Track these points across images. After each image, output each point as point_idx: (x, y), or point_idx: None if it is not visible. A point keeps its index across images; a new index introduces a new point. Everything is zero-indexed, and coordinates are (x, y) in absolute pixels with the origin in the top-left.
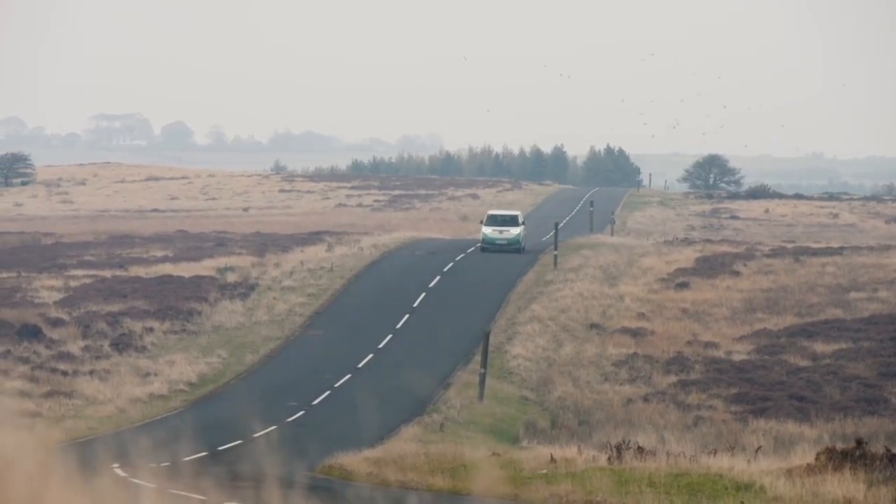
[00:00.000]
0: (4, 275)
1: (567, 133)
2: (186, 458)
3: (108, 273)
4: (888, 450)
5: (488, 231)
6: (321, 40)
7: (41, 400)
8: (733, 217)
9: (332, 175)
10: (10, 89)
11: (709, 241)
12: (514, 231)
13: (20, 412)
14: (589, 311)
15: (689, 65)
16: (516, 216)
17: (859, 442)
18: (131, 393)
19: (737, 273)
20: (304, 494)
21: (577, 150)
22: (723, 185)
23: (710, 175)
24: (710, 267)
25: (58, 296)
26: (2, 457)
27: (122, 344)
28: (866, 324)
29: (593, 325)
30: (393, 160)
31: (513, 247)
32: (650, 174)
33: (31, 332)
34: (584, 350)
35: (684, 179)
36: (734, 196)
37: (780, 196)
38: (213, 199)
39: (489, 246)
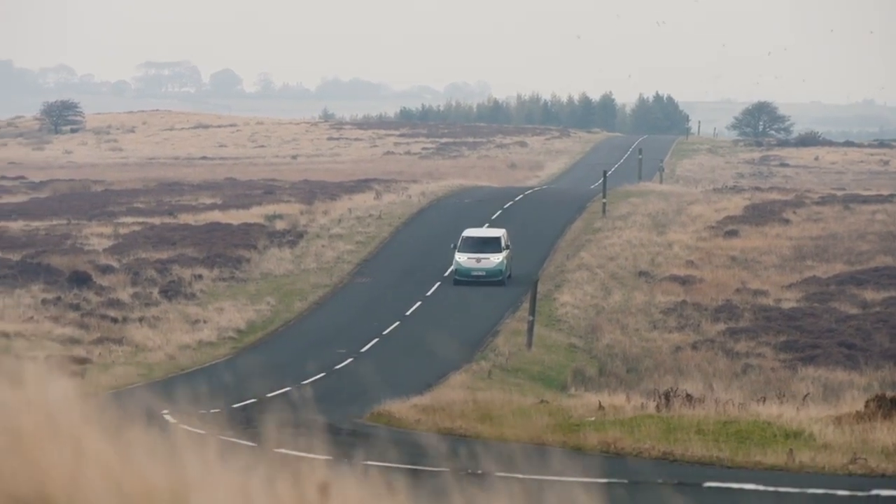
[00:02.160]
0: (55, 222)
1: (616, 81)
2: (235, 405)
3: (157, 220)
4: None
5: (462, 259)
6: None
7: (91, 346)
8: (783, 164)
9: (381, 123)
10: (60, 37)
11: (758, 188)
12: (496, 258)
13: (70, 359)
14: (637, 259)
15: (737, 9)
16: (498, 238)
17: None
18: (180, 340)
19: (786, 221)
20: (353, 441)
21: (626, 98)
22: (772, 132)
23: (760, 122)
24: (760, 214)
25: (107, 243)
26: (50, 403)
27: (171, 291)
28: None
29: (642, 273)
30: (441, 108)
31: (494, 279)
32: (699, 122)
33: (81, 279)
34: (632, 298)
35: (733, 127)
36: (784, 143)
37: (830, 143)
38: (262, 146)
39: (463, 279)
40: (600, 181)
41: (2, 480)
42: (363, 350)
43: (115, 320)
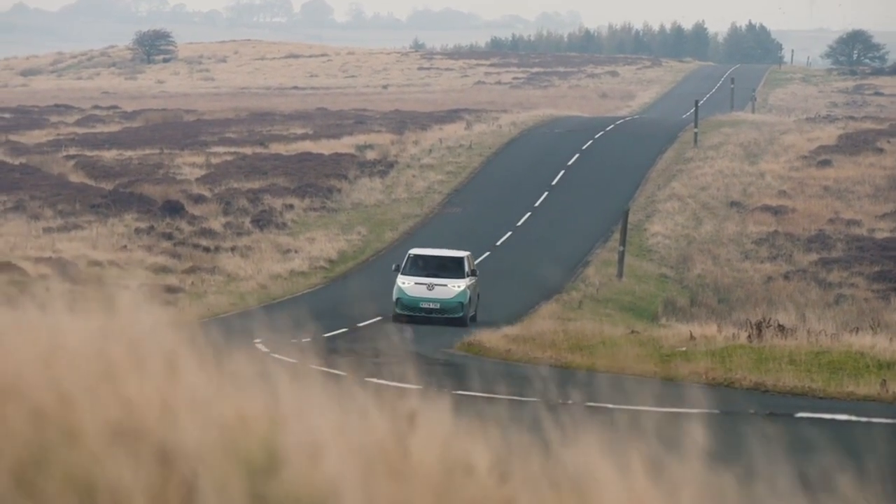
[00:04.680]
0: (147, 151)
1: (708, 9)
2: (327, 335)
3: (248, 150)
4: None
5: (407, 285)
6: None
7: (183, 276)
8: (877, 93)
9: (471, 52)
10: None
11: (852, 117)
12: (456, 287)
13: (163, 287)
14: (729, 189)
15: None
16: (461, 260)
17: None
18: (272, 269)
19: (880, 150)
20: (444, 371)
21: (718, 27)
22: (867, 60)
23: (854, 51)
24: (853, 144)
25: (199, 172)
26: (143, 332)
27: (263, 221)
28: None
29: (733, 203)
30: (532, 38)
31: (450, 315)
32: (792, 51)
33: (174, 209)
34: (724, 228)
35: (827, 56)
36: (878, 72)
37: None
38: (353, 76)
39: (406, 312)
40: (692, 111)
41: (96, 407)
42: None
43: (207, 249)
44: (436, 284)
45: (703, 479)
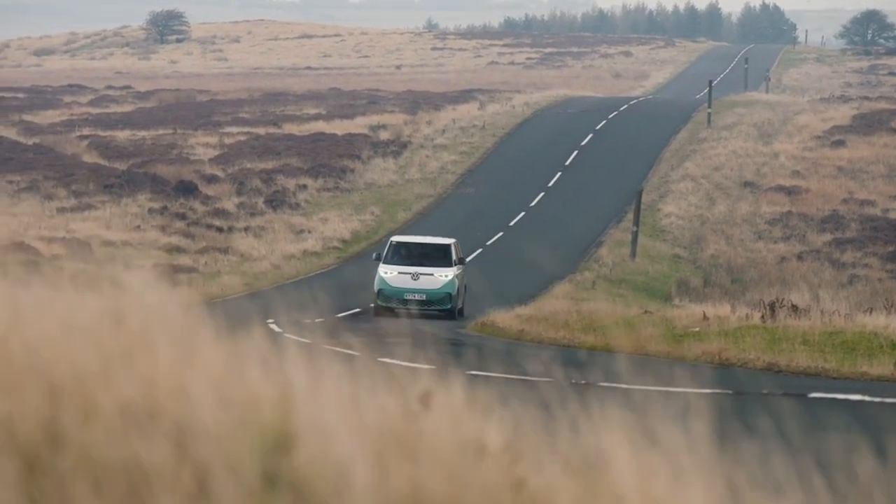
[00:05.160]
0: (161, 131)
1: None
2: (340, 315)
3: (261, 130)
4: None
5: (390, 275)
6: None
7: (196, 256)
8: (891, 73)
9: (485, 33)
10: None
11: (866, 98)
12: (444, 276)
13: (176, 267)
14: (743, 169)
15: None
16: (448, 247)
17: None
18: (285, 249)
19: (894, 130)
20: (456, 351)
21: (732, 7)
22: (881, 40)
23: (869, 31)
24: (867, 124)
25: (213, 153)
26: (157, 311)
27: (276, 201)
28: None
29: (747, 183)
30: (545, 18)
31: (438, 307)
32: (806, 31)
33: (187, 189)
34: (737, 208)
35: (841, 36)
36: (893, 52)
37: None
38: (366, 56)
39: (389, 304)
40: (705, 91)
41: (111, 386)
42: (467, 260)
43: (220, 230)
44: (421, 274)
45: (715, 459)
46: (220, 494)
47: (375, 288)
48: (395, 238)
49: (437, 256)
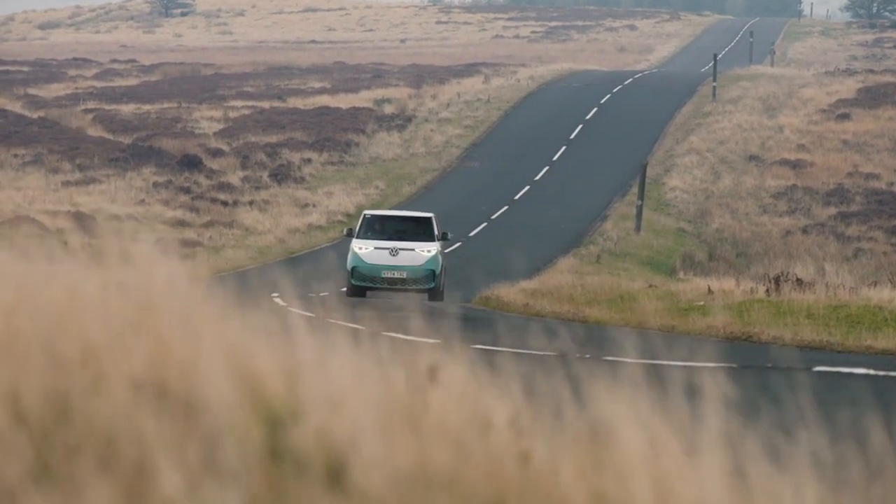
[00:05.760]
0: (165, 105)
1: None
2: (345, 288)
3: (266, 104)
4: None
5: (365, 251)
6: None
7: (201, 229)
8: None
9: (489, 6)
10: None
11: (871, 71)
12: (426, 252)
13: (181, 241)
14: (748, 143)
15: None
16: (429, 220)
17: None
18: (290, 223)
19: None
20: (461, 325)
21: None
22: (886, 13)
23: (874, 4)
24: (873, 98)
25: (217, 126)
26: (161, 285)
27: (281, 175)
28: None
29: (752, 157)
30: None
31: (421, 285)
32: (812, 3)
33: (192, 163)
34: (742, 182)
35: (847, 8)
36: None
37: None
38: (370, 30)
39: (365, 284)
40: (710, 65)
41: (118, 359)
42: (471, 234)
43: (225, 203)
44: (401, 249)
45: (722, 431)
46: (227, 468)
47: (349, 265)
48: (369, 212)
49: (418, 231)
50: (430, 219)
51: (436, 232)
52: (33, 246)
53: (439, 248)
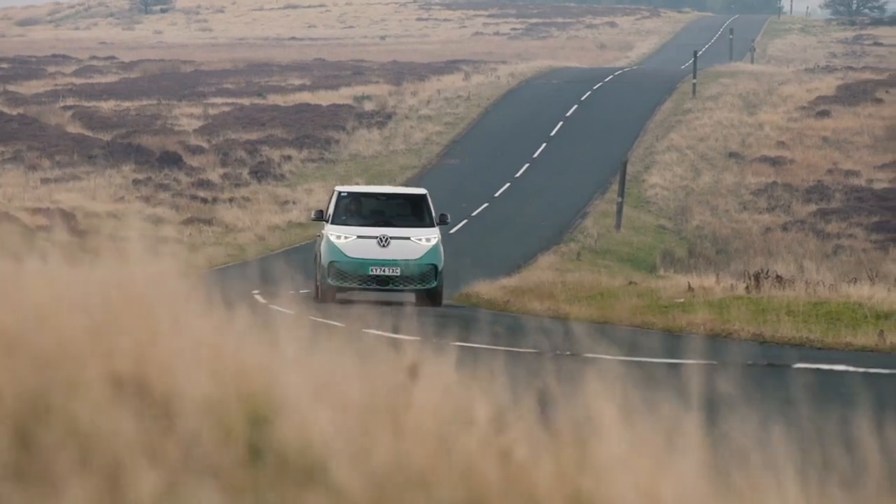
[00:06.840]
0: (145, 102)
1: None
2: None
3: (246, 101)
4: None
5: (344, 240)
6: None
7: (181, 227)
8: (876, 44)
9: (469, 3)
10: None
11: (851, 68)
12: (424, 241)
13: (160, 239)
14: (728, 140)
15: None
16: (422, 198)
17: None
18: (270, 220)
19: (879, 100)
20: (441, 322)
21: None
22: (866, 11)
23: (853, 1)
24: (852, 94)
25: (197, 123)
26: (142, 283)
27: (261, 172)
28: None
29: (732, 154)
30: None
31: (420, 285)
32: (791, 1)
33: (172, 160)
34: (722, 179)
35: (826, 6)
36: (878, 22)
37: None
38: (351, 27)
39: (346, 284)
40: (690, 62)
41: (97, 358)
42: (452, 231)
43: (204, 201)
44: (392, 238)
45: (703, 429)
46: (207, 466)
47: (324, 260)
48: (343, 188)
49: (410, 213)
50: (423, 196)
51: (433, 214)
52: (12, 243)
53: (440, 237)
